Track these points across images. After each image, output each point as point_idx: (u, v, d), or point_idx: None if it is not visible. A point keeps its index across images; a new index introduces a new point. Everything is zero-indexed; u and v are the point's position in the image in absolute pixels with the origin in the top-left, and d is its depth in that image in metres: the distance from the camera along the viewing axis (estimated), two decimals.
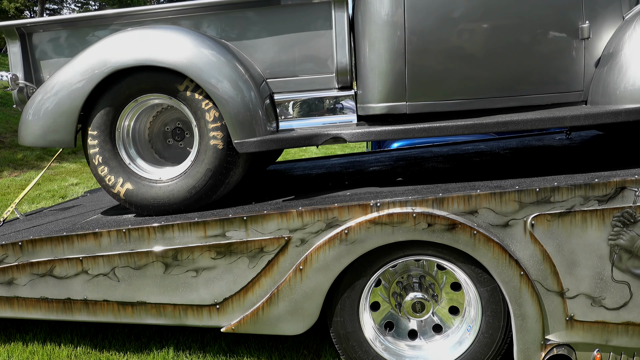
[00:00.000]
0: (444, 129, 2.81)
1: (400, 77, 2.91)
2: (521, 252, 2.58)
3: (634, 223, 2.50)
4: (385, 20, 2.88)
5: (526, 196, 2.54)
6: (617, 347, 2.64)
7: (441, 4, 2.84)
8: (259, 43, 3.16)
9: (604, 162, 3.08)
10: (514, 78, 2.95)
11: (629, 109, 2.66)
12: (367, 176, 3.62)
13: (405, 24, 2.86)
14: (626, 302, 2.58)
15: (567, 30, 2.90)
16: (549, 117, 2.74)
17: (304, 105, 3.16)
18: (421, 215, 2.55)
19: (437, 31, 2.87)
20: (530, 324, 2.59)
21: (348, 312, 2.73)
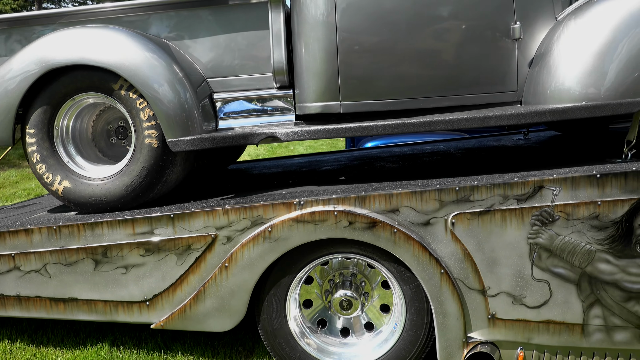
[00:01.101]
0: (373, 128, 2.83)
1: (333, 77, 2.94)
2: (442, 251, 2.60)
3: (552, 222, 2.52)
4: (317, 21, 2.91)
5: (446, 195, 2.56)
6: (539, 346, 2.66)
7: (372, 4, 2.87)
8: (199, 43, 3.20)
9: (547, 162, 3.08)
10: (447, 78, 2.97)
11: (553, 109, 2.68)
12: (316, 175, 3.64)
13: (337, 24, 2.89)
14: (546, 301, 2.59)
15: (498, 31, 2.92)
16: (474, 117, 2.76)
17: (243, 104, 3.19)
18: (342, 213, 2.57)
19: (369, 32, 2.90)
20: (451, 321, 2.61)
21: (275, 310, 2.76)
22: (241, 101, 3.19)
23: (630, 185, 2.47)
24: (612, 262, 2.53)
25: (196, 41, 3.19)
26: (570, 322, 2.60)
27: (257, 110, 3.18)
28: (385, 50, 2.91)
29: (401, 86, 2.96)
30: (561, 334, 2.61)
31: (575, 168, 2.62)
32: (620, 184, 2.48)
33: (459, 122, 2.77)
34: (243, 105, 3.19)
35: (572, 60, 2.73)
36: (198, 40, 3.19)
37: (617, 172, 2.47)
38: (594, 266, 2.54)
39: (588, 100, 2.66)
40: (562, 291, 2.58)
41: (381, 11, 2.87)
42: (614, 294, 2.55)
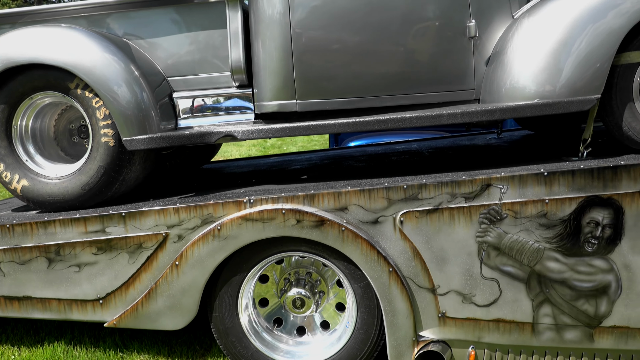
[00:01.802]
0: (327, 127, 2.83)
1: (289, 76, 2.94)
2: (392, 249, 2.59)
3: (500, 220, 2.52)
4: (272, 20, 2.91)
5: (394, 193, 2.56)
6: (491, 344, 2.65)
7: (326, 3, 2.86)
8: (160, 42, 3.20)
9: (509, 160, 3.06)
10: (403, 77, 2.96)
11: (504, 107, 2.68)
12: (282, 174, 3.63)
13: (291, 23, 2.88)
14: (496, 299, 2.59)
15: (454, 29, 2.91)
16: (426, 115, 2.75)
17: (203, 103, 3.19)
18: (290, 211, 2.57)
19: (323, 30, 2.89)
20: (400, 320, 2.61)
21: (226, 308, 2.76)
22: (201, 100, 3.19)
23: (577, 183, 2.46)
24: (561, 260, 2.52)
25: (156, 40, 3.20)
26: (520, 320, 2.59)
27: (217, 109, 3.18)
28: (339, 49, 2.91)
29: (357, 85, 2.95)
30: (511, 333, 2.61)
31: (525, 166, 2.61)
32: (567, 182, 2.47)
33: (411, 120, 2.76)
34: (203, 104, 3.19)
35: (525, 59, 2.72)
36: (158, 40, 3.20)
37: (564, 170, 2.47)
38: (542, 264, 2.53)
39: (540, 98, 2.66)
40: (512, 290, 2.57)
41: (335, 10, 2.87)
42: (563, 293, 2.55)
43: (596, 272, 2.51)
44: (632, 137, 2.67)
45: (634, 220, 2.45)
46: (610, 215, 2.46)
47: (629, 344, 2.57)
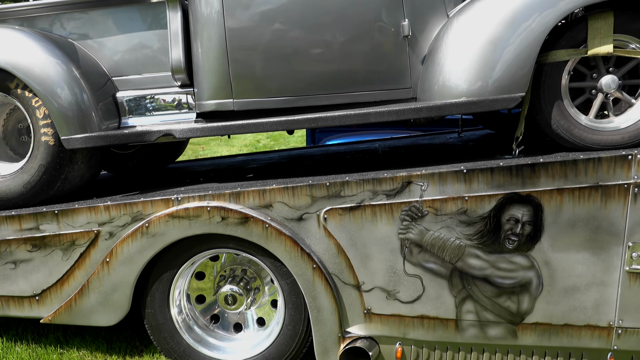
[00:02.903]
0: (260, 125, 2.87)
1: (225, 75, 2.97)
2: (316, 246, 2.62)
3: (421, 217, 2.54)
4: (207, 19, 2.94)
5: (317, 190, 2.58)
6: (417, 341, 2.67)
7: (259, 2, 2.89)
8: (104, 42, 3.25)
9: (452, 158, 3.06)
10: (339, 76, 2.98)
11: (430, 105, 2.70)
12: (236, 173, 3.65)
13: (225, 23, 2.92)
14: (419, 296, 2.61)
15: (388, 29, 2.93)
16: (354, 114, 2.78)
17: (146, 102, 3.23)
18: (215, 208, 2.61)
19: (257, 30, 2.92)
20: (325, 316, 2.63)
21: (158, 304, 2.80)
22: (144, 99, 3.23)
23: (496, 180, 2.48)
24: (482, 257, 2.53)
25: (100, 40, 3.24)
26: (444, 317, 2.61)
27: (160, 108, 3.22)
28: (274, 49, 2.93)
29: (293, 84, 2.98)
30: (436, 329, 2.63)
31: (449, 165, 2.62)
32: (486, 179, 2.48)
33: (340, 119, 2.79)
34: (146, 103, 3.23)
35: (454, 57, 2.73)
36: (102, 40, 3.24)
37: (483, 167, 2.48)
38: (464, 261, 2.54)
39: (467, 96, 2.67)
40: (434, 286, 2.59)
41: (269, 9, 2.90)
42: (485, 289, 2.56)
43: (517, 269, 2.53)
44: (561, 134, 2.68)
45: (553, 217, 2.47)
46: (529, 212, 2.47)
47: (552, 341, 2.58)
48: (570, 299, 2.53)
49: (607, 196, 2.43)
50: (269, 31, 2.92)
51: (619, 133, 2.64)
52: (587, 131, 2.66)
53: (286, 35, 2.92)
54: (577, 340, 2.57)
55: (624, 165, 2.41)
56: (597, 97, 2.67)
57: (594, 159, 2.42)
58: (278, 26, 2.92)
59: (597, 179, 2.43)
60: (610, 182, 2.42)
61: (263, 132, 2.93)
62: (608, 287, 2.50)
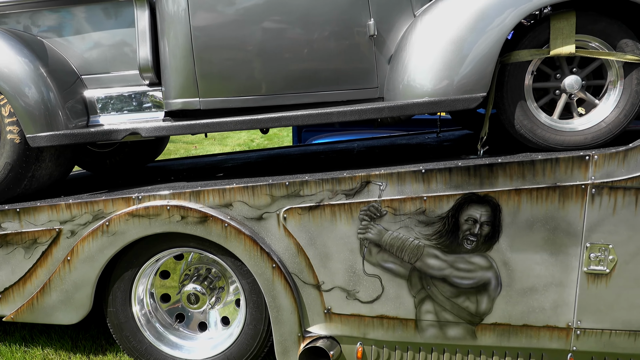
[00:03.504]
0: (223, 124, 2.86)
1: (191, 74, 2.97)
2: (276, 245, 2.62)
3: (380, 217, 2.53)
4: (173, 18, 2.94)
5: (277, 190, 2.58)
6: (377, 341, 2.67)
7: (223, 1, 2.89)
8: (73, 40, 3.25)
9: (424, 157, 3.05)
10: (305, 75, 2.98)
11: (391, 105, 2.70)
12: (211, 172, 3.65)
13: (191, 21, 2.91)
14: (379, 296, 2.60)
15: (354, 28, 2.92)
16: (317, 113, 2.78)
17: (115, 101, 3.23)
18: (174, 207, 2.60)
19: (222, 29, 2.92)
20: (285, 315, 2.63)
21: (120, 303, 2.80)
22: (113, 98, 3.23)
23: (454, 180, 2.47)
24: (441, 257, 2.53)
25: (70, 39, 3.24)
26: (404, 317, 2.60)
27: (129, 106, 3.22)
28: (239, 48, 2.92)
29: (259, 83, 2.97)
30: (395, 330, 2.62)
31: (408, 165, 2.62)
32: (444, 179, 2.48)
33: (302, 118, 2.79)
34: (115, 101, 3.23)
35: (418, 57, 2.73)
36: (72, 38, 3.24)
37: (441, 167, 2.48)
38: (423, 262, 2.54)
39: (429, 96, 2.67)
40: (394, 286, 2.58)
41: (234, 8, 2.89)
42: (444, 290, 2.56)
43: (476, 269, 2.52)
44: (524, 134, 2.67)
45: (511, 217, 2.46)
46: (487, 212, 2.47)
47: (512, 342, 2.58)
48: (529, 300, 2.52)
49: (564, 197, 2.42)
50: (234, 30, 2.91)
51: (582, 134, 2.64)
52: (550, 132, 2.65)
53: (252, 34, 2.91)
54: (536, 341, 2.56)
55: (581, 165, 2.40)
56: (561, 98, 2.67)
57: (551, 160, 2.42)
58: (243, 25, 2.91)
59: (555, 180, 2.42)
60: (568, 182, 2.42)
61: (228, 131, 2.92)
62: (566, 288, 2.50)
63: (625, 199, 2.40)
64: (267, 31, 2.91)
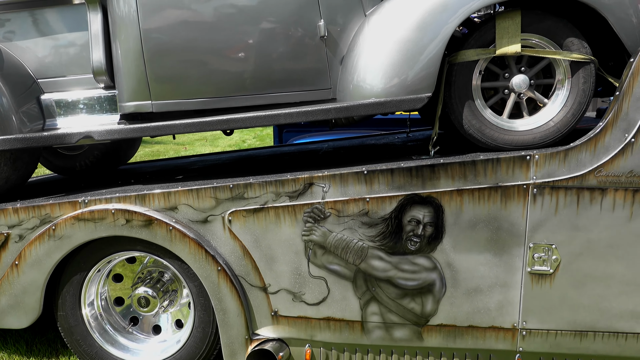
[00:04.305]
0: (173, 127, 2.86)
1: (143, 77, 2.96)
2: (222, 248, 2.61)
3: (324, 219, 2.52)
4: (123, 21, 2.93)
5: (221, 192, 2.57)
6: (325, 343, 2.66)
7: (172, 4, 2.88)
8: (29, 44, 3.24)
9: (387, 157, 3.04)
10: (257, 77, 2.96)
11: (338, 107, 2.69)
12: (178, 174, 3.64)
13: (140, 25, 2.90)
14: (325, 298, 2.60)
15: (305, 29, 2.91)
16: (264, 115, 2.78)
17: (71, 104, 3.22)
18: (119, 211, 2.60)
19: (171, 31, 2.91)
20: (232, 318, 2.62)
21: (70, 307, 2.79)
22: (70, 101, 3.22)
23: (396, 181, 2.47)
24: (385, 259, 2.52)
25: (26, 43, 3.24)
26: (350, 319, 2.60)
27: (84, 110, 3.21)
28: (189, 50, 2.91)
29: (211, 86, 2.96)
30: (342, 331, 2.62)
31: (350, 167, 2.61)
32: (387, 180, 2.47)
33: (250, 120, 2.79)
34: (71, 105, 3.22)
35: (366, 58, 2.72)
36: (27, 42, 3.24)
37: (383, 169, 2.47)
38: (367, 263, 2.53)
39: (376, 97, 2.66)
40: (339, 288, 2.58)
41: (182, 10, 2.88)
42: (389, 291, 2.55)
43: (420, 270, 2.51)
44: (473, 134, 2.66)
45: (454, 218, 2.45)
46: (430, 213, 2.46)
47: (458, 343, 2.57)
48: (473, 301, 2.51)
49: (506, 197, 2.41)
50: (184, 33, 2.91)
51: (531, 133, 2.62)
52: (499, 131, 2.64)
53: (202, 36, 2.90)
54: (482, 342, 2.55)
55: (522, 165, 2.39)
56: (509, 97, 2.66)
57: (492, 160, 2.41)
58: (193, 28, 2.90)
59: (497, 180, 2.41)
60: (510, 182, 2.41)
61: (178, 133, 2.92)
62: (511, 289, 2.49)
63: (567, 199, 2.38)
64: (217, 33, 2.90)
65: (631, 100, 2.32)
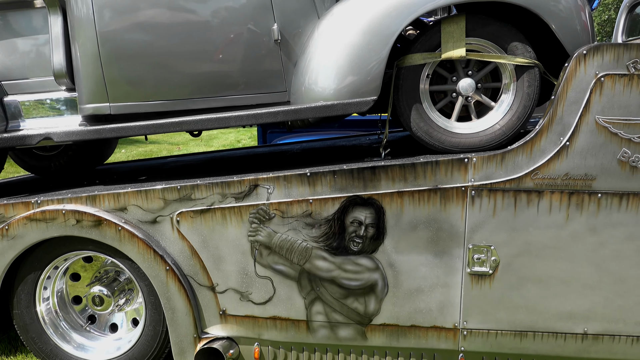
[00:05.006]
0: (128, 129, 2.91)
1: (100, 79, 3.01)
2: (171, 248, 2.66)
3: (269, 220, 2.57)
4: (80, 24, 2.98)
5: (169, 194, 2.62)
6: (273, 342, 2.71)
7: (128, 7, 2.93)
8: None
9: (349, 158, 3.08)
10: (214, 80, 3.01)
11: (286, 110, 2.74)
12: (149, 175, 3.68)
13: (97, 28, 2.95)
14: (271, 297, 2.64)
15: (259, 33, 2.95)
16: (215, 118, 2.82)
17: (33, 106, 3.28)
18: (70, 212, 2.65)
19: (127, 34, 2.95)
20: (180, 317, 2.67)
21: (24, 306, 2.85)
22: (33, 103, 3.28)
23: (339, 183, 2.51)
24: (329, 259, 2.57)
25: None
26: (295, 318, 2.64)
27: (47, 112, 3.27)
28: (145, 53, 2.96)
29: (167, 88, 3.00)
30: (288, 330, 2.66)
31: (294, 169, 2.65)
32: (329, 182, 2.51)
33: (202, 122, 2.84)
34: (34, 107, 3.28)
35: (317, 61, 2.76)
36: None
37: (325, 170, 2.51)
38: (311, 263, 2.58)
39: (324, 100, 2.70)
40: (285, 288, 2.62)
41: (138, 14, 2.93)
42: (333, 291, 2.59)
43: (363, 270, 2.56)
44: (421, 137, 2.69)
45: (395, 219, 2.49)
46: (372, 214, 2.50)
47: (401, 342, 2.61)
48: (415, 301, 2.55)
49: (446, 199, 2.45)
50: (139, 36, 2.95)
51: (478, 136, 2.66)
52: (447, 134, 2.68)
53: (157, 40, 2.95)
54: (425, 342, 2.59)
55: (460, 168, 2.43)
56: (457, 100, 2.69)
57: (431, 162, 2.45)
58: (149, 31, 2.95)
59: (436, 182, 2.45)
60: (449, 185, 2.45)
61: (133, 136, 2.97)
62: (451, 289, 2.53)
63: (504, 201, 2.42)
64: (172, 37, 2.95)
65: (565, 104, 2.35)
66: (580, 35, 2.55)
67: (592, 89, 2.32)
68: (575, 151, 2.36)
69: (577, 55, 2.34)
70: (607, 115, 2.33)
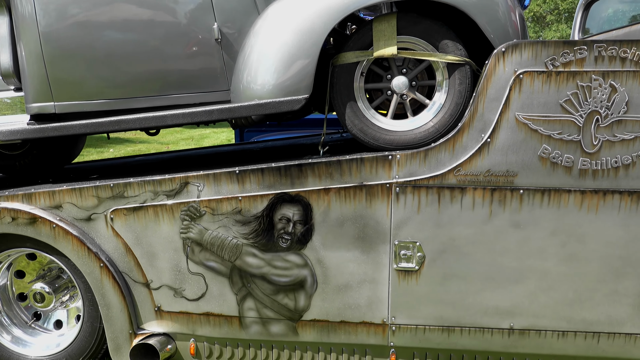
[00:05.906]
0: (69, 127, 2.93)
1: (43, 79, 3.04)
2: (106, 245, 2.70)
3: (200, 217, 2.60)
4: (24, 23, 3.01)
5: (102, 191, 2.66)
6: (208, 338, 2.74)
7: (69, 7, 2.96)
8: None
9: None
10: (156, 79, 3.03)
11: (222, 108, 2.77)
12: (108, 173, 3.71)
13: (39, 27, 2.98)
14: (203, 294, 2.67)
15: (200, 32, 2.98)
16: (153, 116, 2.85)
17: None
18: (5, 209, 2.69)
19: (68, 33, 2.98)
20: (115, 313, 2.71)
21: None
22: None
23: (267, 181, 2.54)
24: (259, 255, 2.60)
25: None
26: (228, 314, 2.67)
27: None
28: (86, 52, 2.98)
29: (110, 87, 3.03)
30: (222, 327, 2.69)
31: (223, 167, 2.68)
32: (258, 179, 2.54)
33: (140, 121, 2.87)
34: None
35: (252, 60, 2.79)
36: None
37: (254, 168, 2.54)
38: (242, 260, 2.61)
39: (259, 98, 2.73)
40: (217, 284, 2.65)
41: (79, 13, 2.96)
42: (263, 287, 2.62)
43: (292, 267, 2.58)
44: (356, 134, 2.71)
45: (323, 216, 2.52)
46: (299, 211, 2.53)
47: (332, 338, 2.64)
48: (344, 297, 2.58)
49: (371, 195, 2.48)
50: (81, 35, 2.98)
51: (412, 133, 2.68)
52: (381, 131, 2.70)
53: (98, 39, 2.97)
54: (355, 337, 2.62)
55: (385, 165, 2.46)
56: (392, 98, 2.72)
57: (357, 160, 2.47)
58: (90, 30, 2.97)
59: (361, 179, 2.48)
60: (374, 181, 2.47)
61: (75, 134, 3.00)
62: (379, 285, 2.55)
63: (428, 197, 2.45)
64: (114, 36, 2.98)
65: (486, 101, 2.38)
66: (510, 33, 2.57)
67: (512, 86, 2.34)
68: (496, 148, 2.38)
69: (496, 53, 2.37)
70: (526, 112, 2.35)
